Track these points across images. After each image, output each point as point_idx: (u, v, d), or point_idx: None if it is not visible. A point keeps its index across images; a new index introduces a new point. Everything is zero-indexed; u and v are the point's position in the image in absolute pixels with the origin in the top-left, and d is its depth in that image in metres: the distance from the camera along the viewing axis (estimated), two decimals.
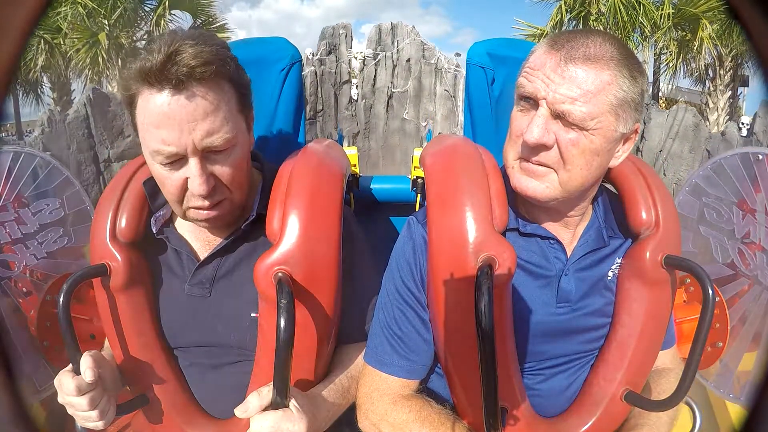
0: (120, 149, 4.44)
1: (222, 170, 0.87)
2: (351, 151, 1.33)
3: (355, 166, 1.35)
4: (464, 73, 1.34)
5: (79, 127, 4.27)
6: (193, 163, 0.83)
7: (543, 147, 0.80)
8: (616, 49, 0.78)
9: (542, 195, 0.84)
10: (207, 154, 0.84)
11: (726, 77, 8.15)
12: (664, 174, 5.70)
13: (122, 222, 0.95)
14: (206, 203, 0.87)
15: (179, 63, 0.77)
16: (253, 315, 0.94)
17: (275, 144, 1.30)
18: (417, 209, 1.31)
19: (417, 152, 1.36)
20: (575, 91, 0.76)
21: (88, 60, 8.47)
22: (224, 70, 0.83)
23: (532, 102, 0.81)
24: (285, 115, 1.31)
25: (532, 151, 0.81)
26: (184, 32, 0.84)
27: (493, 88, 1.30)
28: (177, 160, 0.84)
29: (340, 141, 1.75)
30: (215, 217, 0.90)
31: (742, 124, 7.67)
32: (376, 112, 7.11)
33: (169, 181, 0.86)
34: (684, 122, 5.48)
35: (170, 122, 0.80)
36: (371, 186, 1.48)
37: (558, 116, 0.79)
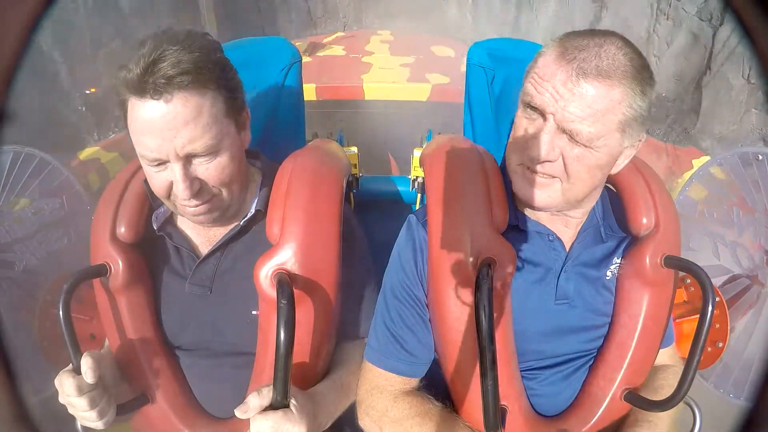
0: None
1: (207, 173, 0.87)
2: (351, 151, 1.34)
3: (355, 166, 1.35)
4: None
5: None
6: (177, 169, 0.84)
7: (548, 160, 0.80)
8: (629, 60, 0.76)
9: (543, 204, 0.84)
10: (191, 159, 0.85)
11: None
12: None
13: (122, 222, 0.95)
14: (192, 203, 0.88)
15: (157, 73, 0.78)
16: (253, 312, 0.95)
17: (275, 143, 1.30)
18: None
19: (417, 152, 1.36)
20: (585, 110, 0.75)
21: None
22: (206, 76, 0.83)
23: (539, 112, 0.80)
24: (285, 115, 1.31)
25: (536, 161, 0.81)
26: (172, 34, 0.83)
27: (493, 88, 1.30)
28: (162, 163, 0.85)
29: (341, 141, 1.76)
30: (204, 212, 0.91)
31: None
32: None
33: (155, 181, 0.87)
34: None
35: (152, 130, 0.81)
36: (371, 186, 1.48)
37: (565, 131, 0.78)
